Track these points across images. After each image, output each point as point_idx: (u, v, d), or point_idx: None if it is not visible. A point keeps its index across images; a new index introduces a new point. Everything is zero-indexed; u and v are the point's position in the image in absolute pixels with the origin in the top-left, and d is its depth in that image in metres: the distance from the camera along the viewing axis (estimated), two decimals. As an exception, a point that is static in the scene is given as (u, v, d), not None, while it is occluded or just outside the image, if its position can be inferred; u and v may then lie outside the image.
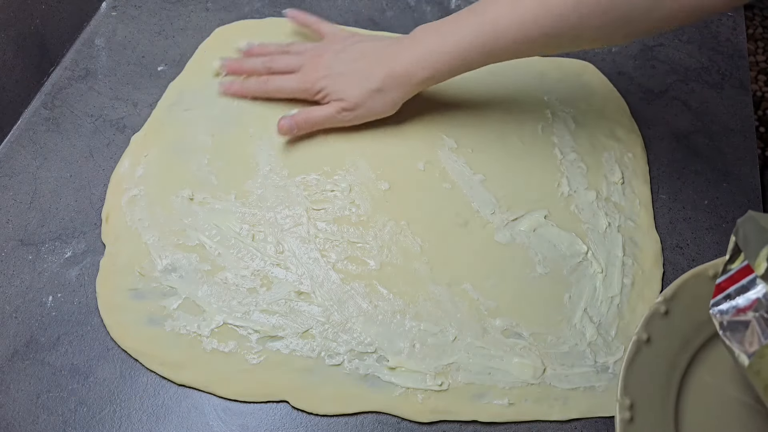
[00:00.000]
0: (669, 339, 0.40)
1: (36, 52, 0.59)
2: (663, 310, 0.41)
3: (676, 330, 0.41)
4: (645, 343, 0.40)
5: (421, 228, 0.51)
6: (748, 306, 0.34)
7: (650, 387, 0.39)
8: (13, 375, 0.44)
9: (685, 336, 0.41)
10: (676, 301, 0.41)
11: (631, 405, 0.38)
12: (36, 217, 0.52)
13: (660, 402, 0.39)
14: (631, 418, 0.38)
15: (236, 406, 0.43)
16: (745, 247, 0.35)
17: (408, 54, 0.50)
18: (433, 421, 0.43)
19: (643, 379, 0.39)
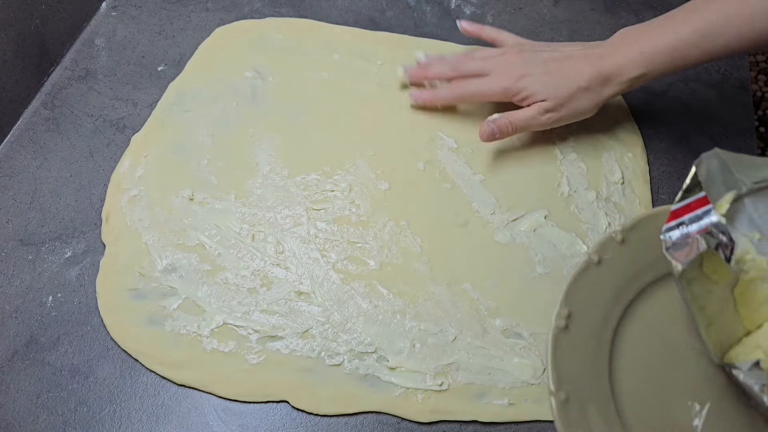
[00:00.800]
0: (620, 266, 0.41)
1: (36, 52, 0.59)
2: (619, 238, 0.41)
3: (628, 259, 0.41)
4: (595, 264, 0.40)
5: (421, 228, 0.51)
6: (698, 231, 0.35)
7: (592, 305, 0.39)
8: (13, 375, 0.44)
9: (636, 268, 0.41)
10: (634, 233, 0.41)
11: (569, 315, 0.39)
12: (36, 217, 0.52)
13: (599, 321, 0.39)
14: (566, 326, 0.38)
15: (236, 406, 0.43)
16: (708, 183, 0.36)
17: (619, 53, 0.49)
18: (433, 421, 0.43)
19: (587, 295, 0.39)
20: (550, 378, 0.37)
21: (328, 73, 0.60)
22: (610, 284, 0.40)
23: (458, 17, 0.66)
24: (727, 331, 0.38)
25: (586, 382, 0.38)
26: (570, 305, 0.39)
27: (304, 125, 0.56)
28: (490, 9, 0.67)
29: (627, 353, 0.39)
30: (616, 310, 0.40)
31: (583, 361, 0.38)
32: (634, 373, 0.39)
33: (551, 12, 0.67)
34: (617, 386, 0.39)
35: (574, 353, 0.38)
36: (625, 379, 0.39)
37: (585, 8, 0.67)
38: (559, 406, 0.36)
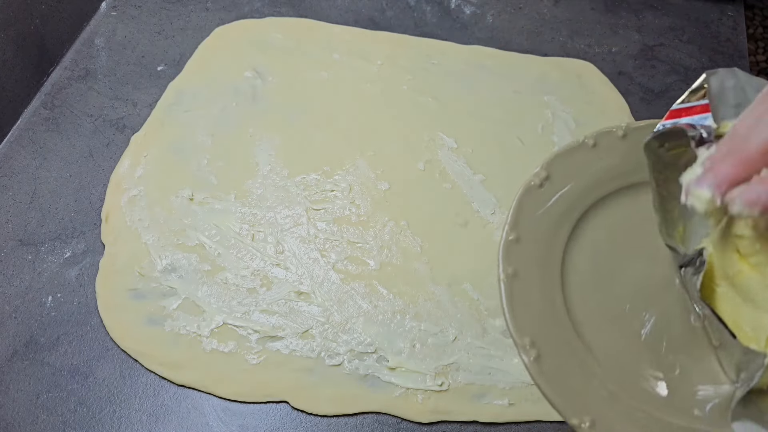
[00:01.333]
0: (570, 181, 0.40)
1: (36, 52, 0.59)
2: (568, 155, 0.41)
3: (579, 175, 0.41)
4: (543, 179, 0.40)
5: (421, 228, 0.51)
6: (689, 123, 0.35)
7: (543, 219, 0.39)
8: (12, 375, 0.44)
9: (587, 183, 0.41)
10: (555, 164, 0.41)
11: (515, 223, 0.39)
12: (35, 217, 0.52)
13: (550, 233, 0.39)
14: (517, 239, 0.38)
15: (236, 406, 0.43)
16: (718, 98, 0.36)
17: None
18: (433, 422, 0.43)
19: (531, 217, 0.39)
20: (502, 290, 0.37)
21: (328, 73, 0.60)
22: (560, 199, 0.40)
23: (458, 17, 0.66)
24: (697, 237, 0.38)
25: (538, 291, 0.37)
26: (519, 218, 0.39)
27: (304, 125, 0.56)
28: (490, 9, 0.67)
29: (579, 262, 0.39)
30: (568, 223, 0.40)
31: (535, 270, 0.38)
32: (586, 279, 0.39)
33: (551, 12, 0.67)
34: (569, 293, 0.38)
35: (525, 261, 0.38)
36: (577, 284, 0.39)
37: (585, 8, 0.67)
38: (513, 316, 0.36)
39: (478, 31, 0.65)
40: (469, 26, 0.65)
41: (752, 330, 0.34)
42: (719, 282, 0.36)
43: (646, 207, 0.40)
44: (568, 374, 0.35)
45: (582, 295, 0.38)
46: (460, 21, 0.66)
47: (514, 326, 0.36)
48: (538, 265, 0.38)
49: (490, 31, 0.65)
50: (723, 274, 0.36)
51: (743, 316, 0.34)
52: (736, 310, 0.35)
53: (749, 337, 0.34)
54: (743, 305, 0.34)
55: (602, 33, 0.65)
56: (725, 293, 0.36)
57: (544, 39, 0.65)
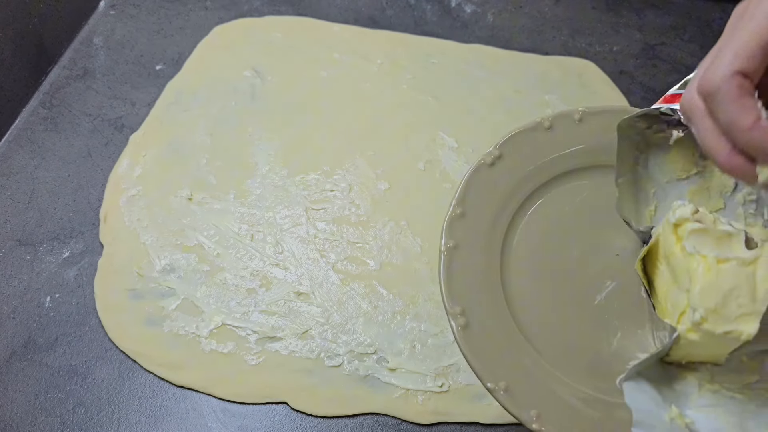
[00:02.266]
0: (518, 163, 0.42)
1: (34, 51, 0.59)
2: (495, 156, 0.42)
3: (527, 157, 0.42)
4: (488, 165, 0.41)
5: (421, 228, 0.50)
6: (673, 107, 0.36)
7: (483, 202, 0.40)
8: (11, 376, 0.44)
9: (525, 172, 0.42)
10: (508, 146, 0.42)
11: (463, 199, 0.40)
12: (34, 217, 0.51)
13: (494, 211, 0.40)
14: (462, 213, 0.40)
15: (235, 407, 0.43)
16: None
17: None
18: (434, 423, 0.43)
19: (479, 194, 0.40)
20: (441, 262, 0.38)
21: (328, 72, 0.60)
22: (504, 182, 0.41)
23: (458, 15, 0.66)
24: None
25: (477, 266, 0.39)
26: (463, 205, 0.40)
27: (303, 124, 0.56)
28: (491, 8, 0.67)
29: (520, 251, 0.40)
30: (512, 204, 0.41)
31: (476, 246, 0.39)
32: (527, 269, 0.40)
33: (552, 10, 0.67)
34: (510, 291, 0.39)
35: (466, 235, 0.39)
36: (518, 278, 0.40)
37: (586, 6, 0.67)
38: (447, 282, 0.38)
39: (478, 30, 0.65)
40: (469, 25, 0.65)
41: (672, 306, 0.36)
42: (661, 261, 0.38)
43: (595, 190, 0.41)
44: (492, 342, 0.37)
45: (520, 270, 0.40)
46: (460, 20, 0.65)
47: (448, 294, 0.37)
48: (480, 239, 0.40)
49: (491, 30, 0.65)
50: (663, 254, 0.38)
51: (670, 294, 0.36)
52: (667, 288, 0.37)
53: (669, 312, 0.36)
54: (672, 284, 0.36)
55: (603, 32, 0.65)
56: (663, 272, 0.37)
57: (545, 38, 0.64)
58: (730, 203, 0.40)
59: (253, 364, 0.44)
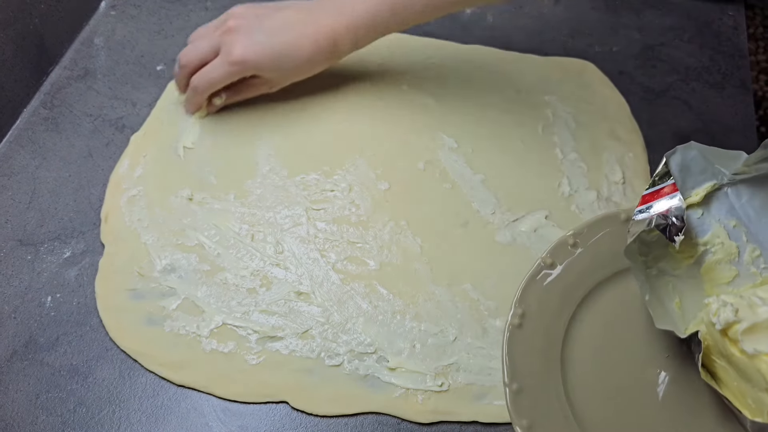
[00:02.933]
0: (571, 268, 0.43)
1: (35, 52, 0.59)
2: (571, 242, 0.44)
3: (578, 261, 0.44)
4: (549, 266, 0.43)
5: (421, 228, 0.50)
6: (660, 213, 0.39)
7: (545, 304, 0.42)
8: (12, 375, 0.44)
9: (586, 269, 0.44)
10: (585, 236, 0.44)
11: (523, 314, 0.42)
12: (35, 217, 0.52)
13: (552, 319, 0.42)
14: (520, 324, 0.41)
15: (236, 406, 0.43)
16: (683, 173, 0.41)
17: (330, 27, 0.51)
18: (434, 422, 0.43)
19: (540, 296, 0.42)
20: (504, 371, 0.40)
21: (328, 73, 0.60)
22: (563, 285, 0.43)
23: (458, 16, 0.66)
24: (692, 306, 0.42)
25: (538, 375, 0.40)
26: (524, 305, 0.42)
27: (303, 125, 0.56)
28: (491, 8, 0.67)
29: (579, 346, 0.42)
30: (568, 308, 0.43)
31: (536, 356, 0.41)
32: (585, 363, 0.42)
33: (552, 11, 0.67)
34: (569, 377, 0.41)
35: (527, 348, 0.41)
36: (576, 369, 0.42)
37: (586, 7, 0.67)
38: (512, 396, 0.39)
39: (478, 31, 0.65)
40: (469, 26, 0.65)
41: (754, 403, 0.37)
42: (718, 358, 0.39)
43: None
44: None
45: (580, 377, 0.41)
46: (460, 20, 0.66)
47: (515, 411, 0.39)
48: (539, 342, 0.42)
49: (491, 31, 0.65)
50: (719, 352, 0.38)
51: (744, 390, 0.37)
52: (737, 384, 0.38)
53: (752, 409, 0.37)
54: (742, 381, 0.37)
55: (603, 32, 0.65)
56: (725, 368, 0.38)
57: (544, 38, 0.64)
58: (741, 268, 0.42)
59: (253, 363, 0.44)
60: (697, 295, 0.42)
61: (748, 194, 0.42)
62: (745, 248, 0.42)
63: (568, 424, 0.39)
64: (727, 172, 0.41)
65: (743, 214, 0.42)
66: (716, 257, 0.42)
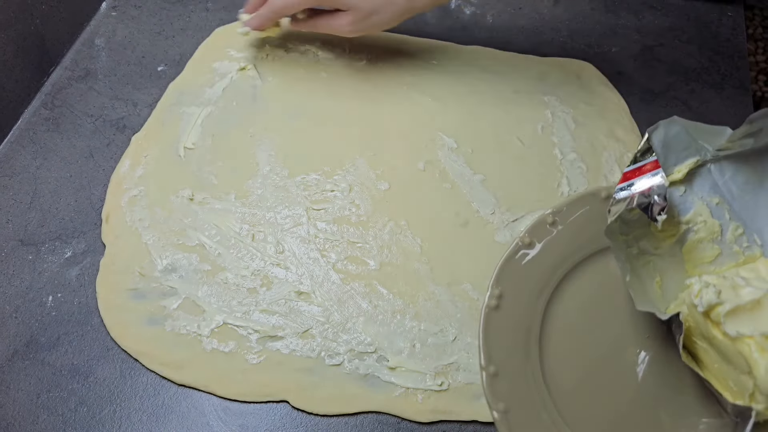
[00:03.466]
0: (551, 246, 0.43)
1: (36, 52, 0.59)
2: (550, 220, 0.43)
3: (559, 239, 0.43)
4: (526, 246, 0.42)
5: (421, 228, 0.51)
6: (641, 191, 0.38)
7: (523, 285, 0.42)
8: (13, 375, 0.44)
9: (567, 246, 0.43)
10: (564, 214, 0.43)
11: (500, 295, 0.41)
12: (36, 217, 0.52)
13: (530, 300, 0.41)
14: (497, 306, 0.41)
15: (236, 406, 0.43)
16: (666, 149, 0.39)
17: None
18: (433, 421, 0.43)
19: (518, 276, 0.42)
20: (480, 354, 0.39)
21: (328, 73, 0.60)
22: (542, 265, 0.42)
23: (458, 17, 0.66)
24: (673, 285, 0.41)
25: (515, 358, 0.40)
26: (501, 286, 0.41)
27: (304, 125, 0.56)
28: (490, 9, 0.67)
29: (557, 327, 0.42)
30: (546, 289, 0.42)
31: (513, 338, 0.40)
32: (563, 345, 0.41)
33: (551, 12, 0.67)
34: (546, 359, 0.41)
35: (504, 331, 0.40)
36: (554, 352, 0.41)
37: (585, 8, 0.67)
38: (489, 379, 0.39)
39: (478, 32, 0.65)
40: (469, 26, 0.65)
41: (735, 385, 0.36)
42: (699, 340, 0.38)
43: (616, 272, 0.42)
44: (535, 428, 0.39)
45: (558, 359, 0.41)
46: (460, 21, 0.66)
47: (491, 394, 0.39)
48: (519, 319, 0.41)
49: (490, 32, 0.65)
50: (701, 334, 0.38)
51: (726, 372, 0.36)
52: (719, 366, 0.37)
53: (734, 391, 0.36)
54: (723, 363, 0.36)
55: (602, 33, 0.65)
56: (706, 350, 0.38)
57: (543, 39, 0.65)
58: (724, 246, 0.41)
59: (254, 363, 0.44)
60: (679, 274, 0.41)
61: (732, 170, 0.41)
62: (728, 226, 0.41)
63: (546, 407, 0.39)
64: (710, 148, 0.40)
65: (726, 191, 0.41)
66: (698, 236, 0.41)
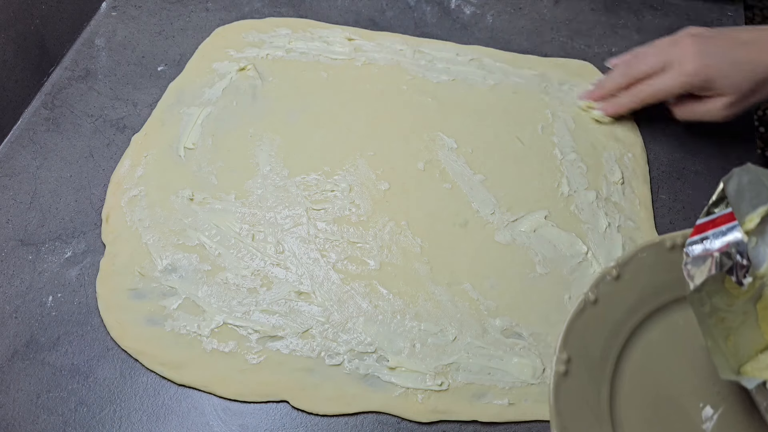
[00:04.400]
0: (617, 302, 0.40)
1: (36, 52, 0.60)
2: (614, 274, 0.41)
3: (624, 294, 0.41)
4: (592, 303, 0.40)
5: (421, 228, 0.51)
6: (719, 249, 0.35)
7: (591, 346, 0.39)
8: (13, 375, 0.44)
9: (633, 301, 0.41)
10: (629, 267, 0.41)
11: (568, 359, 0.38)
12: (36, 217, 0.52)
13: (599, 361, 0.39)
14: (566, 371, 0.38)
15: (236, 406, 0.43)
16: (738, 198, 0.36)
17: None
18: (433, 421, 0.43)
19: (585, 337, 0.39)
20: (553, 426, 0.37)
21: (328, 73, 0.60)
22: (609, 322, 0.40)
23: (458, 17, 0.66)
24: (746, 344, 0.38)
25: (585, 421, 0.38)
26: (569, 349, 0.39)
27: (304, 125, 0.56)
28: (490, 9, 0.67)
29: (628, 384, 0.40)
30: (615, 348, 0.40)
31: (584, 403, 0.38)
32: (633, 405, 0.39)
33: (551, 12, 0.67)
34: (618, 422, 0.39)
35: (574, 398, 0.38)
36: (625, 413, 0.39)
37: (585, 8, 0.67)
38: None
39: (478, 32, 0.65)
40: (469, 26, 0.65)
41: None
42: None
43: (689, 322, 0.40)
44: None
45: (629, 402, 0.39)
46: (460, 21, 0.66)
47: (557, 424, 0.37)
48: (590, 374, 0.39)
49: (490, 32, 0.65)
50: None
51: None
52: None
53: None
54: None
55: (602, 33, 0.65)
56: None
57: (543, 39, 0.65)
58: None
59: (254, 363, 0.44)
60: (753, 331, 0.38)
61: None
62: None
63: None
64: None
65: None
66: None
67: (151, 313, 0.46)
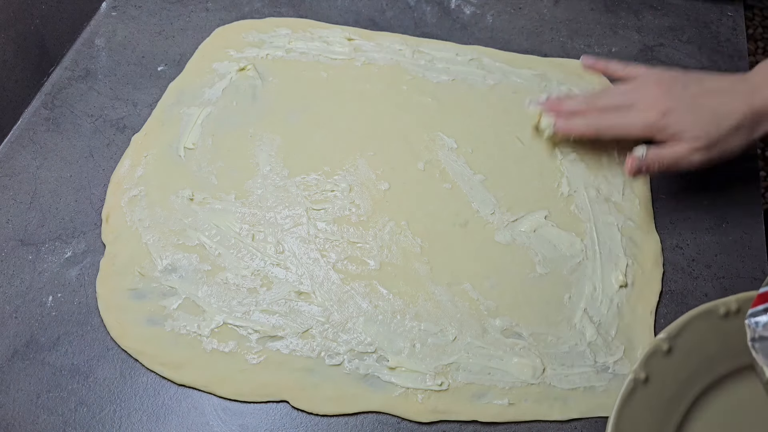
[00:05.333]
0: (669, 379, 0.37)
1: (36, 52, 0.60)
2: (665, 347, 0.38)
3: (678, 370, 0.38)
4: (642, 382, 0.37)
5: (421, 228, 0.51)
6: None
7: (643, 428, 0.36)
8: (13, 375, 0.44)
9: (687, 377, 0.38)
10: (681, 339, 0.38)
11: None
12: (36, 217, 0.52)
13: None
14: None
15: (236, 406, 0.43)
16: None
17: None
18: (433, 421, 0.43)
19: (637, 420, 0.36)
20: None
21: (328, 73, 0.60)
22: (662, 402, 0.37)
23: (458, 17, 0.66)
24: None
25: None
26: None
27: (304, 125, 0.56)
28: (490, 9, 0.67)
29: None
30: (670, 427, 0.37)
31: None
32: None
33: (551, 12, 0.67)
34: None
35: None
36: None
37: (585, 8, 0.67)
38: None
39: (477, 32, 0.65)
40: (468, 26, 0.65)
41: None
42: None
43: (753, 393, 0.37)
44: None
45: None
46: (459, 21, 0.66)
47: None
48: None
49: (490, 32, 0.65)
50: None
51: None
52: None
53: None
54: None
55: (602, 33, 0.65)
56: None
57: (543, 39, 0.65)
58: None
59: (254, 363, 0.44)
60: None
61: None
62: None
63: None
64: None
65: None
66: None
67: (151, 313, 0.46)
